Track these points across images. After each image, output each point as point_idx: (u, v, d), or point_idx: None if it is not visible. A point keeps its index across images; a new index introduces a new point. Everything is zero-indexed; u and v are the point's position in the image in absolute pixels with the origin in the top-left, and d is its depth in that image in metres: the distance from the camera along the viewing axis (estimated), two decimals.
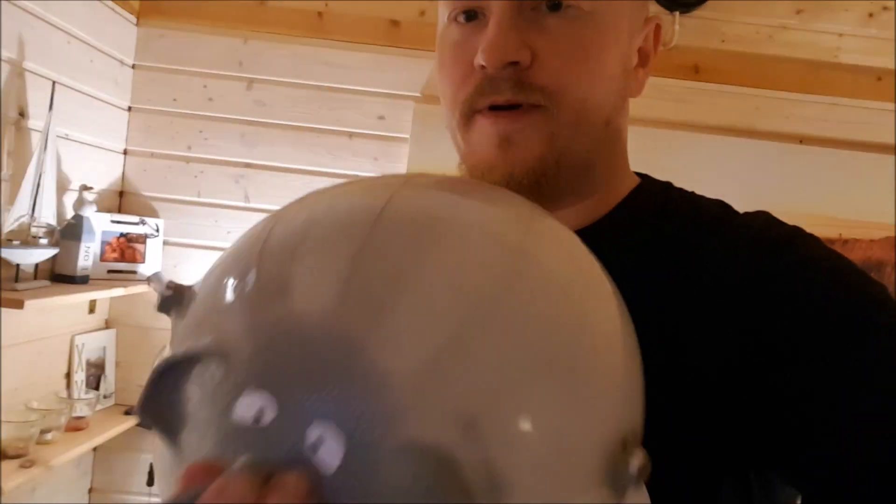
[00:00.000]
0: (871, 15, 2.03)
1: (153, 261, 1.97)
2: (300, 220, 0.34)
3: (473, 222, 0.34)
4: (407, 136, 1.99)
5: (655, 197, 0.57)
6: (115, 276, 1.88)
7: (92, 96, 1.84)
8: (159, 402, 0.31)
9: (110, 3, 1.88)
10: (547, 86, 0.49)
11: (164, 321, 0.36)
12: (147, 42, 2.02)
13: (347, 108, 2.02)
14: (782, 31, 2.03)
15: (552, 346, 0.31)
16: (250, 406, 0.28)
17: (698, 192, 0.58)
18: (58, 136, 1.64)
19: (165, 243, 2.01)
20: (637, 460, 0.30)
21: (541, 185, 0.50)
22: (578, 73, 0.50)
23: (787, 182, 1.92)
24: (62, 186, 1.70)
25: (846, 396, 0.42)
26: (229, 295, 0.32)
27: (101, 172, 1.92)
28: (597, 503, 0.30)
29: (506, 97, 0.49)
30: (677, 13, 1.96)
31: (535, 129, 0.49)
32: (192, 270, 2.00)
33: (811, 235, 0.52)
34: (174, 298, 0.35)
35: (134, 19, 2.00)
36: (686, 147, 1.95)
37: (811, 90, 2.01)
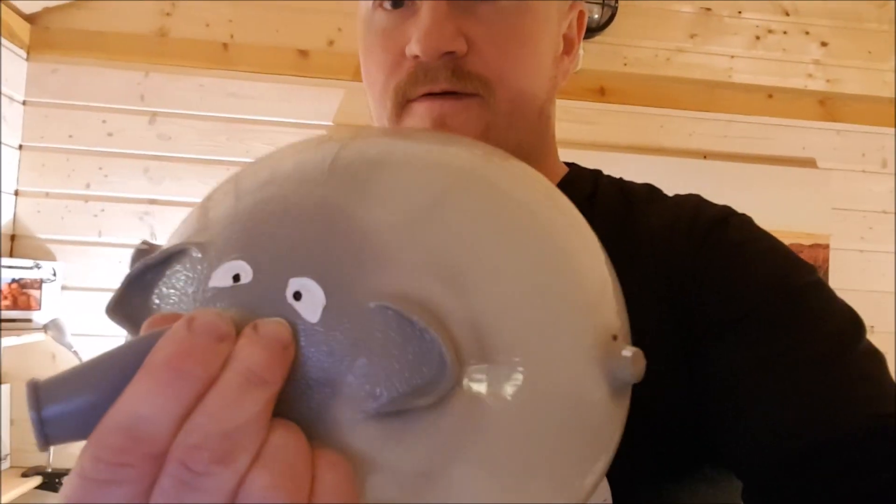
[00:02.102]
0: (757, 38, 2.17)
1: (50, 307, 1.83)
2: (264, 167, 0.33)
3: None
4: None
5: (585, 182, 0.57)
6: (7, 326, 1.73)
7: None
8: (131, 304, 0.29)
9: None
10: (483, 74, 0.47)
11: None
12: (39, 77, 1.91)
13: (257, 140, 1.97)
14: (679, 54, 2.13)
15: (535, 221, 0.30)
16: (227, 272, 0.27)
17: None
18: None
19: (64, 288, 1.88)
20: (630, 351, 0.28)
21: None
22: (514, 62, 0.49)
23: None
24: None
25: (776, 377, 0.41)
26: (203, 215, 0.32)
27: None
28: (591, 392, 0.28)
29: (442, 86, 0.47)
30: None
31: (471, 115, 0.48)
32: (94, 317, 1.88)
33: (743, 215, 0.51)
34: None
35: (24, 53, 1.90)
36: (596, 166, 2.00)
37: (710, 108, 2.11)
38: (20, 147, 1.91)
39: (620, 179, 0.58)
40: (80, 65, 1.93)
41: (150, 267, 0.29)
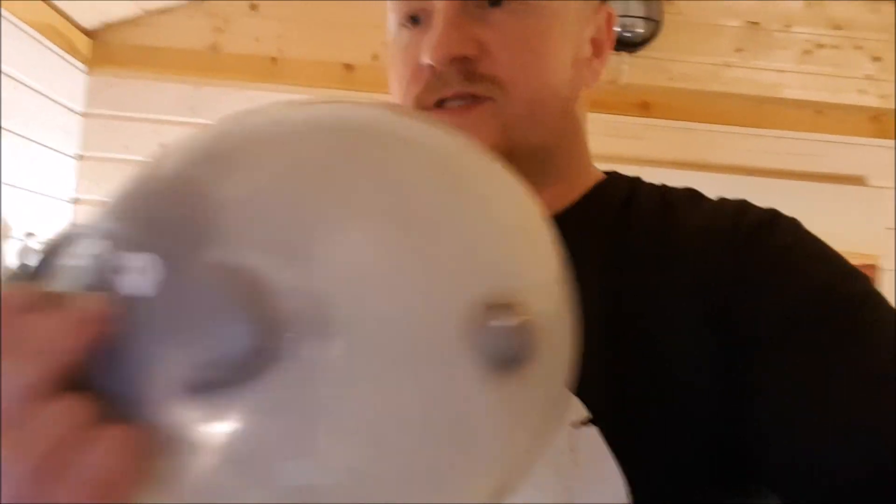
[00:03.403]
0: (807, 52, 2.13)
1: None
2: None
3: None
4: None
5: (622, 187, 0.56)
6: None
7: (40, 143, 1.80)
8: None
9: (60, 51, 1.86)
10: (496, 76, 0.48)
11: None
12: (97, 90, 2.00)
13: None
14: (725, 69, 2.11)
15: (399, 187, 0.29)
16: (86, 250, 0.27)
17: None
18: (5, 185, 1.59)
19: None
20: (504, 321, 0.25)
21: None
22: (527, 63, 0.49)
23: None
24: (5, 235, 1.64)
25: (826, 400, 0.39)
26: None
27: (50, 221, 1.86)
28: (451, 372, 0.26)
29: (454, 90, 0.48)
30: (625, 53, 2.02)
31: (485, 121, 0.49)
32: None
33: (791, 218, 0.49)
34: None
35: (84, 67, 1.98)
36: None
37: (757, 124, 2.07)
38: (79, 157, 1.99)
39: (662, 185, 0.57)
40: (136, 78, 2.00)
41: (50, 250, 0.31)
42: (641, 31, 1.97)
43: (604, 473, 0.41)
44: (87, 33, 1.98)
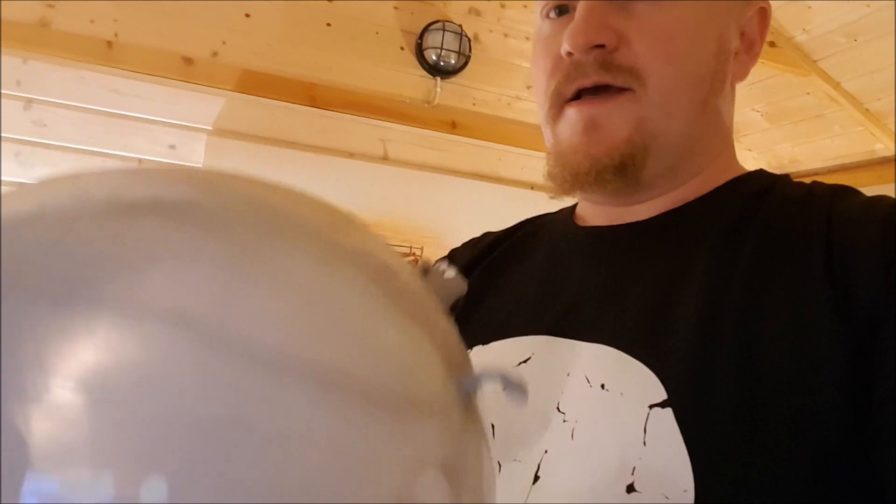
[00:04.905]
0: None
1: None
2: None
3: None
4: (199, 165, 2.10)
5: (761, 180, 0.52)
6: None
7: None
8: None
9: None
10: (634, 66, 0.48)
11: None
12: None
13: (136, 135, 2.07)
14: (517, 101, 2.54)
15: None
16: None
17: (451, 226, 0.63)
18: None
19: None
20: None
21: (626, 168, 0.49)
22: (667, 54, 0.48)
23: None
24: None
25: None
26: None
27: None
28: None
29: (592, 79, 0.49)
30: (439, 78, 2.36)
31: (622, 112, 0.49)
32: None
33: None
34: None
35: None
36: (444, 187, 2.35)
37: (539, 148, 2.51)
38: None
39: (813, 181, 0.51)
40: None
41: None
42: (454, 62, 2.32)
43: (671, 456, 0.40)
44: None
